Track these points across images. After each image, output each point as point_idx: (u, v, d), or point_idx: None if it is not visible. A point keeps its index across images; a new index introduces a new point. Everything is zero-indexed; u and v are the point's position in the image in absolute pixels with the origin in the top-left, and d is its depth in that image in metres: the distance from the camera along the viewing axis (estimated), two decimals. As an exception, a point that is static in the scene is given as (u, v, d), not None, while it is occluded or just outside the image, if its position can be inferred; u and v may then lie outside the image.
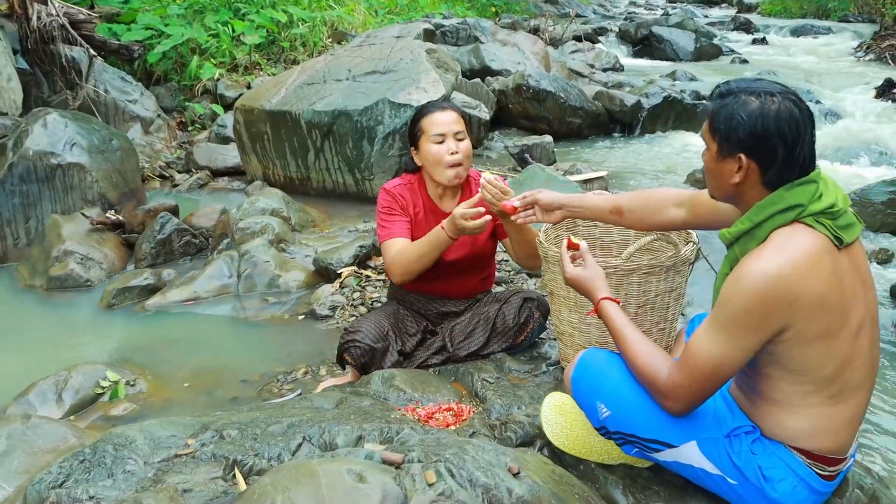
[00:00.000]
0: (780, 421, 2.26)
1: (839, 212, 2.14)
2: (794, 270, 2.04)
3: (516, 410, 2.91)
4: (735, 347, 2.10)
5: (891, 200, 6.06)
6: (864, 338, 2.19)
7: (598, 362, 2.45)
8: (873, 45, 15.80)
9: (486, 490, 2.02)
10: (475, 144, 8.32)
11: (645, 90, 9.83)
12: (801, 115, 2.11)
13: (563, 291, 3.02)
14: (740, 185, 2.18)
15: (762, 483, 2.28)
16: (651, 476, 2.60)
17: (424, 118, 3.45)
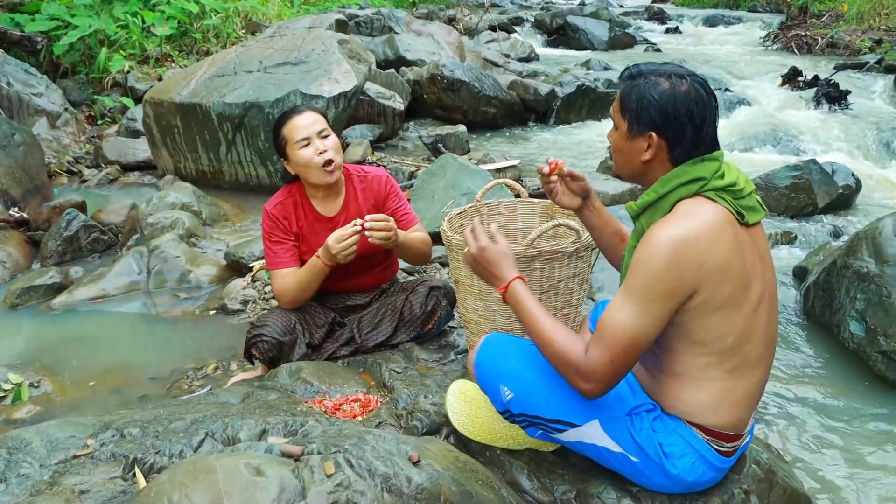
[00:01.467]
0: (681, 396, 2.32)
1: (741, 191, 2.23)
2: (700, 236, 2.12)
3: (423, 399, 2.93)
4: (650, 316, 2.13)
5: (794, 185, 6.25)
6: (762, 313, 2.27)
7: (500, 346, 2.48)
8: (780, 34, 16.19)
9: (385, 479, 2.04)
10: (390, 135, 8.32)
11: (559, 79, 9.93)
12: (708, 97, 2.21)
13: (469, 280, 3.05)
14: (649, 162, 2.26)
15: (662, 460, 2.34)
16: (556, 460, 2.65)
17: (284, 127, 3.42)
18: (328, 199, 3.53)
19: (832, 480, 3.23)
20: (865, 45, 13.91)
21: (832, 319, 4.20)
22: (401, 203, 3.62)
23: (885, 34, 14.65)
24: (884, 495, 3.15)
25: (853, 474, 3.27)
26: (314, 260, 3.37)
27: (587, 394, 2.23)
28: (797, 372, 4.02)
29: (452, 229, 3.24)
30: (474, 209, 3.45)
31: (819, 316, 4.36)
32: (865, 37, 14.47)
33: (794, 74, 10.96)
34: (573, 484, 2.55)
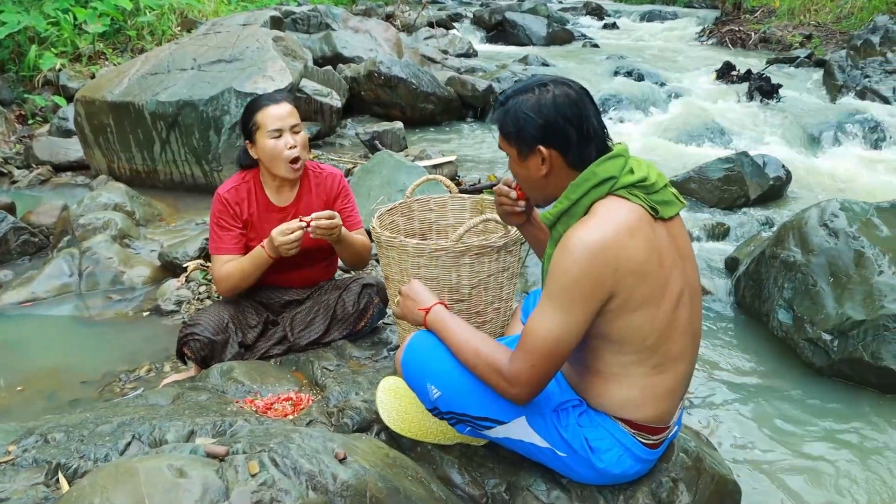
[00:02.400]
0: (605, 392, 2.34)
1: (653, 185, 2.25)
2: (617, 237, 2.13)
3: (354, 396, 2.92)
4: (570, 320, 2.15)
5: (726, 177, 6.36)
6: (683, 309, 2.30)
7: (427, 344, 2.48)
8: (715, 29, 16.44)
9: (311, 477, 2.03)
10: (328, 132, 8.28)
11: (497, 75, 9.97)
12: (577, 95, 2.25)
13: (399, 276, 3.05)
14: (549, 175, 2.29)
15: (589, 454, 2.36)
16: (486, 454, 2.66)
17: (259, 112, 3.39)
18: (283, 190, 3.52)
19: (761, 466, 3.29)
20: (796, 41, 14.20)
21: (762, 309, 4.29)
22: (349, 204, 3.61)
23: (814, 30, 14.96)
24: (811, 479, 3.23)
25: (781, 459, 3.35)
26: (258, 250, 3.34)
27: (514, 399, 2.25)
28: (728, 361, 4.09)
29: (382, 226, 3.24)
30: (405, 205, 3.45)
31: (749, 305, 4.44)
32: (796, 32, 14.77)
33: (727, 69, 11.14)
34: (504, 477, 2.57)
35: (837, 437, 3.50)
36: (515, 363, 2.21)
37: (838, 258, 4.01)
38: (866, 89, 10.17)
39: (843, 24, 14.89)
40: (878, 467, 3.31)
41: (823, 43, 13.90)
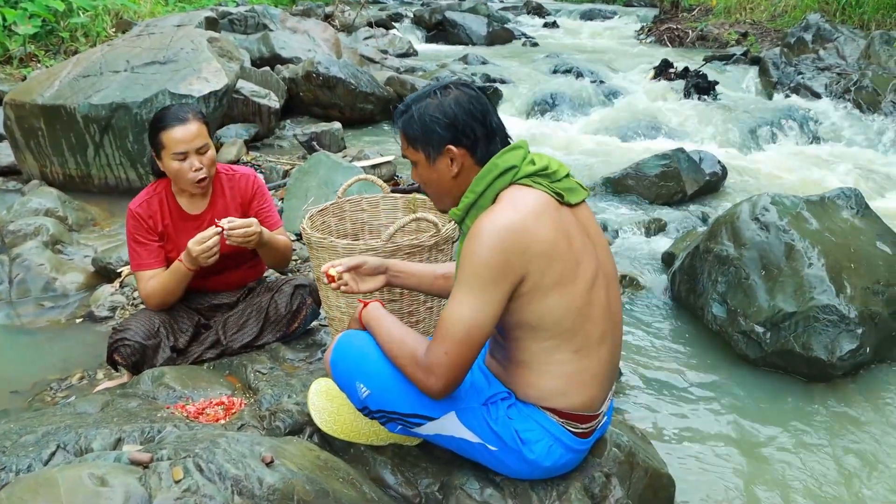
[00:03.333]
0: (531, 383, 2.35)
1: (555, 174, 2.30)
2: (523, 220, 2.16)
3: (286, 399, 2.89)
4: (482, 305, 2.16)
5: (663, 173, 6.43)
6: (599, 291, 2.32)
7: (355, 343, 2.47)
8: (653, 28, 16.60)
9: (237, 482, 2.00)
10: (266, 134, 8.20)
11: (436, 74, 9.98)
12: (476, 93, 2.31)
13: (330, 277, 3.02)
14: (459, 175, 2.33)
15: (520, 446, 2.37)
16: (419, 453, 2.65)
17: (164, 133, 3.27)
18: (195, 198, 3.47)
19: (696, 458, 3.33)
20: (733, 38, 14.39)
21: (696, 302, 4.33)
22: (265, 205, 3.56)
23: (750, 27, 15.17)
24: (745, 470, 3.27)
25: (716, 451, 3.39)
26: (177, 264, 3.31)
27: (430, 391, 2.25)
28: (664, 355, 4.13)
29: (313, 227, 3.21)
30: (336, 206, 3.43)
31: (685, 299, 4.49)
32: (732, 30, 14.96)
33: (665, 66, 11.25)
34: (437, 477, 2.57)
35: (771, 428, 3.55)
36: (430, 352, 2.22)
37: (769, 251, 4.07)
38: (800, 86, 10.35)
39: (778, 22, 15.13)
40: (810, 455, 3.37)
41: (759, 41, 14.10)
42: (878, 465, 3.31)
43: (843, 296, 3.85)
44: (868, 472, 3.27)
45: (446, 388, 2.24)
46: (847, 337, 3.77)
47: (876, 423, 3.59)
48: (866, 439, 3.48)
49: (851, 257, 4.03)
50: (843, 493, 3.14)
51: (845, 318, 3.79)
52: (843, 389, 3.82)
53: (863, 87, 9.50)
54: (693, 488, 3.13)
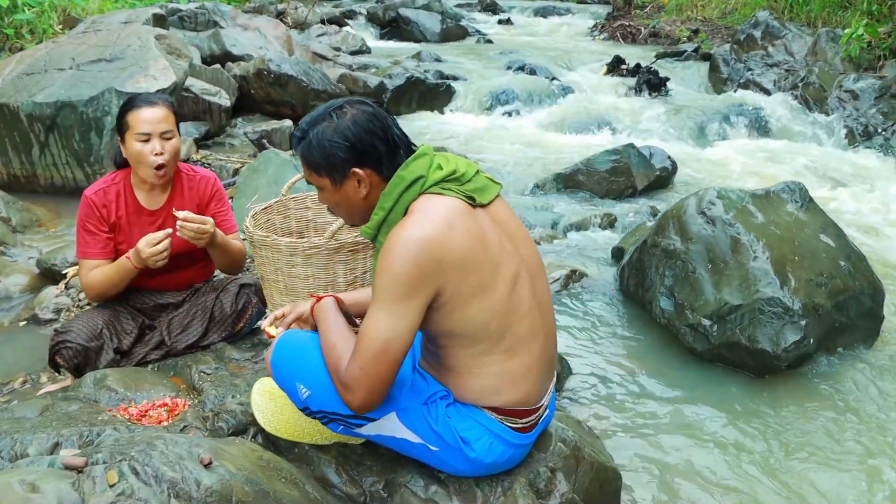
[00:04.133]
0: (464, 385, 2.34)
1: (464, 176, 2.27)
2: (436, 232, 2.13)
3: (230, 400, 2.85)
4: (398, 319, 2.13)
5: (613, 168, 6.47)
6: (522, 288, 2.30)
7: (295, 343, 2.45)
8: (606, 25, 16.70)
9: (173, 484, 1.96)
10: (217, 132, 8.12)
11: (389, 71, 9.93)
12: (374, 108, 2.27)
13: (273, 275, 3.00)
14: (368, 195, 2.29)
15: (460, 445, 2.36)
16: (364, 452, 2.63)
17: (131, 112, 3.26)
18: (154, 193, 3.41)
19: (643, 452, 3.35)
20: (684, 35, 14.51)
21: (645, 296, 4.36)
22: (223, 208, 3.53)
23: (701, 24, 15.34)
24: (693, 463, 3.29)
25: (663, 445, 3.41)
26: (123, 261, 3.26)
27: (349, 405, 2.21)
28: (613, 349, 4.15)
29: (257, 225, 3.18)
30: (280, 203, 3.40)
31: (633, 293, 4.51)
32: (684, 27, 15.10)
33: (617, 63, 11.32)
34: (381, 475, 2.55)
35: (717, 420, 3.58)
36: (348, 367, 2.18)
37: (716, 245, 4.10)
38: (749, 82, 10.48)
39: (728, 19, 15.32)
40: (755, 447, 3.40)
41: (710, 37, 14.24)
42: (821, 456, 3.35)
43: (788, 288, 3.89)
44: (811, 464, 3.31)
45: (365, 404, 2.20)
46: (791, 328, 3.81)
47: (819, 414, 3.64)
48: (810, 431, 3.52)
49: (796, 250, 4.08)
50: (787, 484, 3.18)
51: (789, 309, 3.83)
52: (788, 381, 3.87)
53: (810, 84, 9.64)
54: (639, 481, 3.15)
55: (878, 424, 3.56)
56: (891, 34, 10.01)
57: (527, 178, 6.77)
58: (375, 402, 2.21)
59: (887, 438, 3.46)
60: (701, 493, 3.12)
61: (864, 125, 8.71)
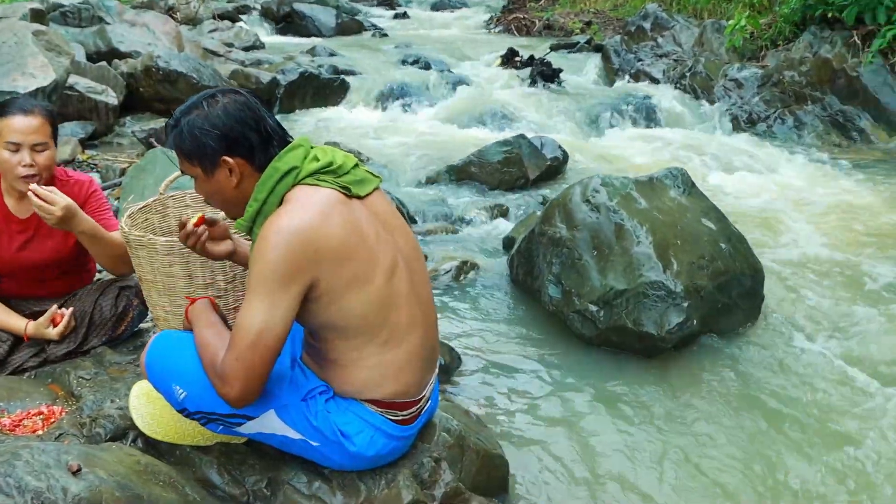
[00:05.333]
0: (345, 378, 2.34)
1: (340, 168, 2.27)
2: (310, 222, 2.13)
3: (109, 405, 2.77)
4: (272, 308, 2.11)
5: (505, 159, 6.54)
6: (400, 279, 2.31)
7: (170, 344, 2.41)
8: (502, 17, 16.87)
9: (38, 494, 1.90)
10: (104, 131, 7.90)
11: (282, 67, 9.81)
12: (247, 99, 2.27)
13: (151, 276, 2.92)
14: (240, 184, 2.28)
15: (341, 439, 2.35)
16: (247, 451, 2.60)
17: (3, 118, 3.07)
18: (24, 201, 3.23)
19: (532, 439, 3.38)
20: (577, 27, 14.77)
21: (534, 284, 4.41)
22: (101, 208, 3.40)
23: (594, 17, 15.63)
24: (581, 447, 3.34)
25: (552, 431, 3.46)
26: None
27: (226, 399, 2.18)
28: (503, 337, 4.19)
29: (134, 225, 3.09)
30: (159, 202, 3.32)
31: (523, 283, 4.56)
32: (577, 19, 15.36)
33: (511, 55, 11.43)
34: (264, 473, 2.52)
35: (605, 404, 3.65)
36: (224, 359, 2.16)
37: (600, 231, 4.17)
38: (639, 72, 10.71)
39: (619, 11, 15.61)
40: (645, 429, 3.47)
41: (602, 29, 14.51)
42: (704, 437, 3.44)
43: (670, 271, 3.99)
44: (695, 443, 3.39)
45: (242, 397, 2.17)
46: (674, 311, 3.91)
47: (703, 393, 3.74)
48: (695, 410, 3.61)
49: (678, 234, 4.18)
50: (671, 465, 3.25)
51: (672, 292, 3.93)
52: (674, 361, 3.96)
53: (697, 73, 9.91)
54: (528, 467, 3.18)
55: (757, 401, 3.67)
56: (771, 25, 10.34)
57: (420, 171, 6.78)
58: (252, 393, 2.19)
59: (765, 415, 3.58)
60: (588, 476, 3.17)
61: (748, 113, 8.99)
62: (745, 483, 3.15)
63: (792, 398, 3.69)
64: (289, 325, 2.16)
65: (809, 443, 3.37)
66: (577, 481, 3.14)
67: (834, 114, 8.67)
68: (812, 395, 3.70)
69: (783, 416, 3.57)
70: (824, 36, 9.32)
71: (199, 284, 2.88)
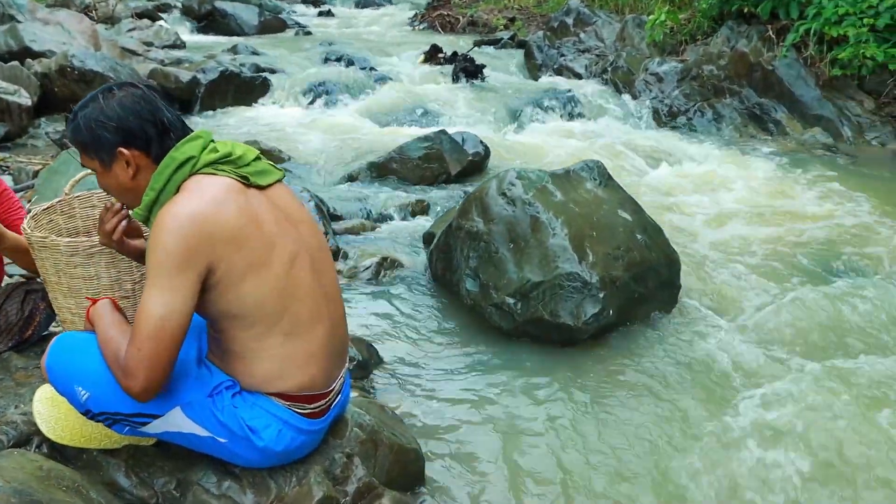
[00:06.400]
0: (248, 372, 2.33)
1: (240, 159, 2.30)
2: (206, 208, 2.15)
3: (12, 410, 2.70)
4: (171, 295, 2.11)
5: (426, 155, 6.56)
6: (301, 271, 2.32)
7: (70, 345, 2.37)
8: (426, 14, 16.87)
9: (-72, 502, 1.86)
10: (18, 133, 7.72)
11: (203, 66, 9.68)
12: (143, 92, 2.29)
13: (55, 277, 2.85)
14: (137, 176, 2.28)
15: (248, 435, 2.34)
16: (156, 452, 2.56)
17: None
18: None
19: (450, 432, 3.40)
20: (501, 23, 14.87)
21: (452, 279, 4.42)
22: (12, 208, 3.32)
23: (517, 13, 15.74)
24: (498, 441, 3.36)
25: (470, 424, 3.47)
26: None
27: (130, 392, 2.16)
28: (422, 333, 4.20)
29: (39, 226, 3.03)
30: (64, 203, 3.25)
31: (442, 277, 4.57)
32: (501, 15, 15.46)
33: (434, 52, 11.43)
34: (173, 474, 2.49)
35: (525, 396, 3.67)
36: (127, 352, 2.14)
37: (516, 225, 4.20)
38: (562, 67, 10.84)
39: (543, 7, 15.75)
40: (559, 420, 3.51)
41: (525, 25, 14.63)
42: (618, 425, 3.48)
43: (586, 262, 4.03)
44: (607, 433, 3.43)
45: (146, 389, 2.14)
46: (590, 301, 3.95)
47: (619, 383, 3.79)
48: (610, 400, 3.66)
49: (594, 226, 4.23)
50: (584, 455, 3.28)
51: (588, 283, 3.98)
52: (591, 352, 4.01)
53: (618, 68, 10.05)
54: (444, 460, 3.19)
55: (671, 390, 3.73)
56: (690, 20, 10.53)
57: (341, 168, 6.75)
58: (157, 384, 2.16)
59: (678, 403, 3.64)
60: (504, 466, 3.19)
61: (669, 106, 9.16)
62: (651, 468, 3.21)
63: (702, 385, 3.75)
64: (189, 312, 2.15)
65: (714, 427, 3.43)
66: (493, 472, 3.16)
67: (751, 106, 8.87)
68: (723, 382, 3.77)
69: (693, 402, 3.62)
70: (741, 30, 9.55)
71: (104, 286, 2.83)
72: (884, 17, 8.24)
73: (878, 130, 8.34)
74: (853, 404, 3.47)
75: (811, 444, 3.26)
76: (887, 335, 4.14)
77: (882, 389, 3.59)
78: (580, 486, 3.11)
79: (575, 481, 3.13)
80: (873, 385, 3.60)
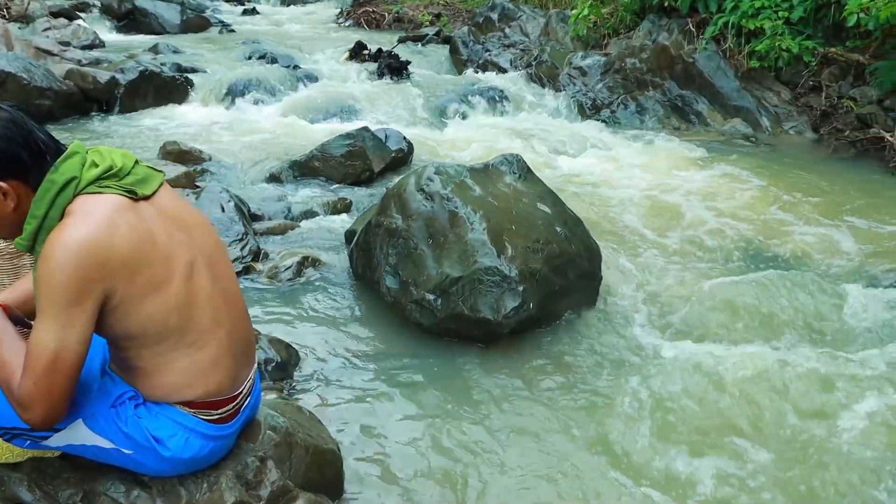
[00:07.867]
0: (153, 384, 2.27)
1: (122, 170, 2.17)
2: (96, 233, 2.02)
3: None
4: (66, 329, 2.00)
5: (349, 153, 6.52)
6: (200, 278, 2.25)
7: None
8: (351, 12, 16.75)
9: None
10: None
11: (122, 66, 9.48)
12: (11, 114, 2.05)
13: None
14: (18, 207, 2.09)
15: (154, 445, 2.28)
16: (62, 465, 2.49)
17: None
18: None
19: (370, 432, 3.38)
20: (426, 19, 14.84)
21: (373, 276, 4.39)
22: None
23: (443, 9, 15.72)
24: (419, 439, 3.37)
25: (391, 423, 3.47)
26: None
27: (29, 423, 2.07)
28: (343, 332, 4.17)
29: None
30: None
31: (363, 275, 4.54)
32: (426, 11, 15.42)
33: (359, 48, 11.35)
34: (79, 486, 2.42)
35: (445, 394, 3.68)
36: (21, 384, 2.03)
37: (435, 220, 4.19)
38: (488, 62, 10.84)
39: (468, 3, 15.75)
40: (478, 417, 3.52)
41: (451, 21, 14.62)
42: (542, 419, 3.51)
43: (505, 256, 4.04)
44: (532, 428, 3.45)
45: (45, 420, 2.06)
46: (510, 295, 3.96)
47: (540, 377, 3.83)
48: (530, 395, 3.70)
49: (513, 219, 4.23)
50: (504, 453, 3.29)
51: (507, 277, 3.98)
52: (513, 347, 4.03)
53: (543, 62, 10.11)
54: (363, 460, 3.18)
55: (593, 382, 3.77)
56: (613, 14, 10.65)
57: (263, 167, 6.66)
58: (56, 416, 2.08)
59: (600, 396, 3.67)
60: (423, 467, 3.19)
61: (593, 99, 9.26)
62: (566, 466, 3.23)
63: (622, 379, 3.79)
64: (87, 343, 2.05)
65: (631, 421, 3.47)
66: (412, 472, 3.15)
67: (673, 98, 9.01)
68: (642, 373, 3.81)
69: (611, 396, 3.67)
70: (662, 24, 9.70)
71: (5, 293, 2.75)
72: (797, 10, 8.47)
73: (794, 120, 8.54)
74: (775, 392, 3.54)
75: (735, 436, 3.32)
76: (807, 323, 4.23)
77: (804, 377, 3.66)
78: (496, 484, 3.11)
79: (492, 479, 3.14)
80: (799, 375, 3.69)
